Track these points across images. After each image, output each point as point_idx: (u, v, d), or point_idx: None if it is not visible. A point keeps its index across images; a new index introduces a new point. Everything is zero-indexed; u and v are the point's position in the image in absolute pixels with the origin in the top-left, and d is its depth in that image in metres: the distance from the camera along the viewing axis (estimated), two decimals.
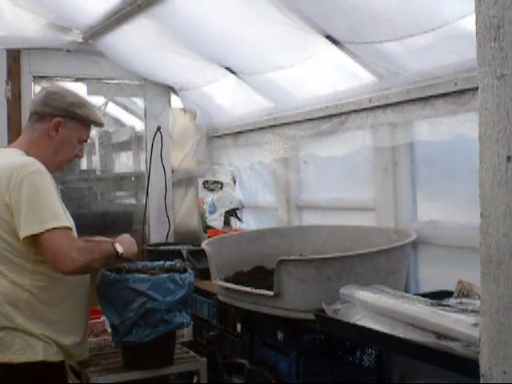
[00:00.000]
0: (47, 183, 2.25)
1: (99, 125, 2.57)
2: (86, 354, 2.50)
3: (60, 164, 2.46)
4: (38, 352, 2.24)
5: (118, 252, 2.39)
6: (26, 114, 4.16)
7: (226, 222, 4.29)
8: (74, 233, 2.35)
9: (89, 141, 2.58)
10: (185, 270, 2.64)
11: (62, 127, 2.40)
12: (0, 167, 2.27)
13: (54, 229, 2.17)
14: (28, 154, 2.37)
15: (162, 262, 2.72)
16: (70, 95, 2.50)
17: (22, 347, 2.22)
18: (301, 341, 2.62)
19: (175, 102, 4.70)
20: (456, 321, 1.78)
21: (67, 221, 2.26)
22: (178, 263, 2.74)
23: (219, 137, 4.58)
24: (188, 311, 2.60)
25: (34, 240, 2.19)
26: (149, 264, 2.74)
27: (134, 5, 3.26)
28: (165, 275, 2.55)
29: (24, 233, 2.17)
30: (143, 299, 2.45)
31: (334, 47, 2.89)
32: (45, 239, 2.17)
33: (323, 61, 3.06)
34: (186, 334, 3.10)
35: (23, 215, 2.17)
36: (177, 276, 2.54)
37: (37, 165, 2.27)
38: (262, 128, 3.94)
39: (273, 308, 2.53)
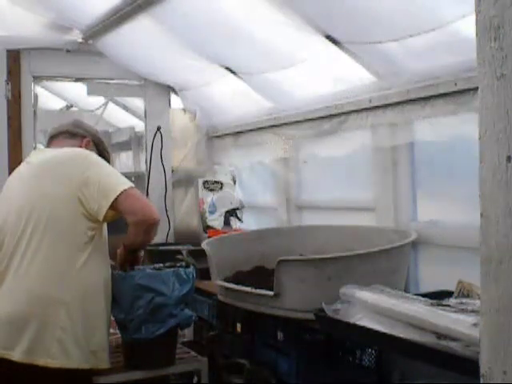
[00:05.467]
0: (105, 162, 2.49)
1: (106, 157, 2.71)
2: (107, 363, 2.45)
3: None
4: (73, 359, 2.25)
5: None
6: (26, 114, 4.19)
7: (226, 222, 4.29)
8: None
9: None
10: (187, 266, 2.66)
11: (89, 147, 2.62)
12: (57, 156, 2.46)
13: (132, 188, 2.36)
14: None
15: (161, 265, 2.73)
16: (94, 128, 2.85)
17: (57, 351, 2.23)
18: (301, 341, 2.62)
19: (175, 102, 4.70)
20: (456, 321, 1.78)
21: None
22: (178, 263, 2.75)
23: (219, 137, 4.58)
24: (189, 308, 2.60)
25: (117, 204, 2.30)
26: (150, 266, 2.74)
27: (134, 4, 3.27)
28: (170, 270, 2.56)
29: (110, 196, 2.28)
30: (150, 295, 2.45)
31: (334, 47, 2.89)
32: (130, 194, 2.33)
33: (323, 61, 3.06)
34: (187, 334, 3.10)
35: (101, 188, 2.30)
36: (182, 271, 2.55)
37: (87, 150, 2.54)
38: (261, 128, 3.94)
39: (273, 308, 2.53)
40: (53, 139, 2.65)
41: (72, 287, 2.27)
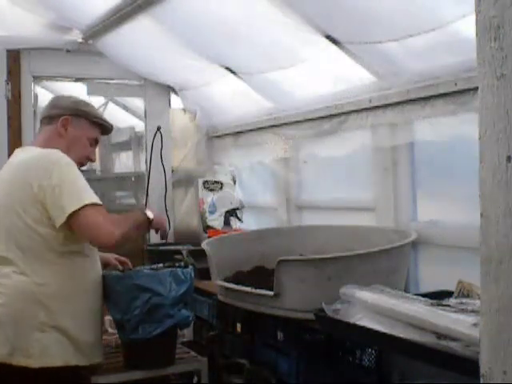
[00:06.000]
0: (74, 167, 2.31)
1: (106, 126, 2.57)
2: (99, 357, 2.47)
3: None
4: (55, 357, 2.24)
5: (148, 218, 2.43)
6: (26, 114, 4.19)
7: (226, 222, 4.29)
8: None
9: None
10: (186, 266, 2.66)
11: (70, 125, 2.45)
12: (25, 159, 2.34)
13: (91, 205, 2.22)
14: None
15: (161, 265, 2.73)
16: (75, 97, 2.60)
17: (37, 351, 2.21)
18: (301, 341, 2.62)
19: (175, 102, 4.70)
20: (456, 321, 1.78)
21: (98, 198, 2.30)
22: (177, 263, 2.75)
23: (219, 137, 4.58)
24: (187, 308, 2.61)
25: (70, 222, 2.21)
26: (147, 267, 2.74)
27: (134, 4, 3.27)
28: (167, 270, 2.56)
29: (63, 213, 2.19)
30: (147, 295, 2.46)
31: (334, 47, 2.89)
32: (83, 216, 2.21)
33: (323, 61, 3.06)
34: (186, 334, 3.10)
35: (58, 197, 2.21)
36: (179, 271, 2.55)
37: (60, 153, 2.33)
38: (261, 128, 3.94)
39: (273, 308, 2.53)
40: (39, 129, 2.57)
41: (52, 287, 2.25)
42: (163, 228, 2.57)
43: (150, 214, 2.45)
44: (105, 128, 2.57)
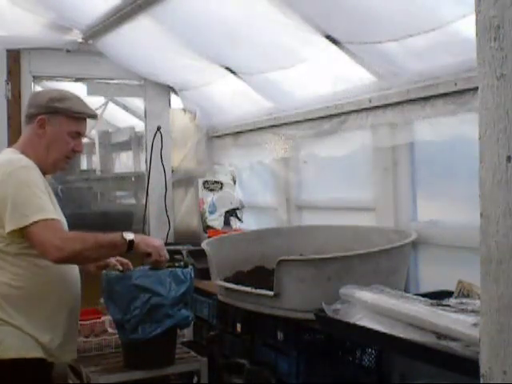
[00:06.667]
0: (33, 178, 2.27)
1: (90, 116, 2.51)
2: (70, 356, 2.47)
3: (55, 162, 2.45)
4: (10, 349, 2.24)
5: (127, 240, 2.31)
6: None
7: (226, 222, 4.29)
8: (63, 225, 2.35)
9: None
10: (186, 266, 2.66)
11: (48, 124, 2.40)
12: None
13: (38, 221, 2.19)
14: (23, 153, 2.38)
15: None
16: (53, 91, 2.54)
17: None
18: (301, 341, 2.62)
19: (175, 102, 4.70)
20: (456, 321, 1.78)
21: (53, 213, 2.26)
22: (177, 263, 2.75)
23: (219, 137, 4.58)
24: (188, 308, 2.60)
25: (22, 233, 2.22)
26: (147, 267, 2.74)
27: (134, 4, 3.26)
28: (167, 270, 2.56)
29: (9, 227, 2.20)
30: (147, 295, 2.46)
31: (334, 47, 2.89)
32: (30, 232, 2.20)
33: (323, 61, 3.06)
34: (186, 334, 3.10)
35: (9, 210, 2.20)
36: (179, 271, 2.55)
37: (23, 161, 2.30)
38: (261, 128, 3.94)
39: (273, 308, 2.53)
40: (23, 127, 2.55)
41: (5, 287, 2.26)
42: (157, 255, 2.46)
43: (128, 236, 2.33)
44: (87, 116, 2.51)
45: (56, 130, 2.40)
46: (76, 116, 2.43)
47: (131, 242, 2.33)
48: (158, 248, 2.46)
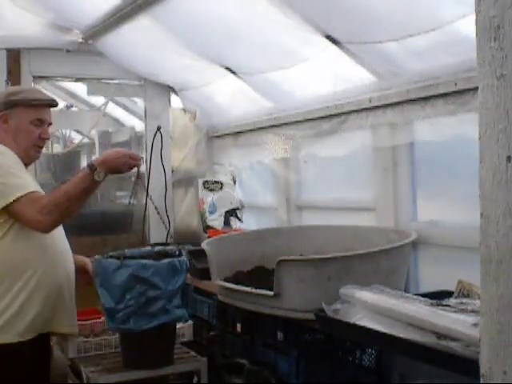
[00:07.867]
0: (7, 160, 2.43)
1: (47, 103, 2.61)
2: (69, 329, 2.57)
3: (26, 151, 2.56)
4: None
5: (92, 168, 2.39)
6: None
7: (226, 222, 4.29)
8: (40, 192, 2.44)
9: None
10: (180, 254, 2.65)
11: (10, 118, 2.54)
12: None
13: (18, 198, 2.32)
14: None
15: (150, 249, 2.73)
16: (10, 88, 2.72)
17: None
18: (301, 341, 2.62)
19: (175, 102, 4.70)
20: (456, 321, 1.78)
21: (31, 186, 2.39)
22: (169, 250, 2.75)
23: (219, 137, 4.58)
24: (182, 307, 2.60)
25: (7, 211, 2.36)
26: (136, 251, 2.74)
27: (134, 4, 3.27)
28: (165, 261, 2.54)
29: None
30: (144, 287, 2.45)
31: (334, 47, 2.89)
32: (12, 211, 2.34)
33: (323, 61, 3.06)
34: (186, 334, 3.10)
35: None
36: (176, 261, 2.54)
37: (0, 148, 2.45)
38: (261, 128, 3.94)
39: (273, 308, 2.53)
40: None
41: None
42: (123, 167, 2.57)
43: (90, 163, 2.43)
44: (44, 103, 2.60)
45: (18, 121, 2.54)
46: (33, 103, 2.56)
47: (92, 165, 2.41)
48: (126, 155, 2.59)
